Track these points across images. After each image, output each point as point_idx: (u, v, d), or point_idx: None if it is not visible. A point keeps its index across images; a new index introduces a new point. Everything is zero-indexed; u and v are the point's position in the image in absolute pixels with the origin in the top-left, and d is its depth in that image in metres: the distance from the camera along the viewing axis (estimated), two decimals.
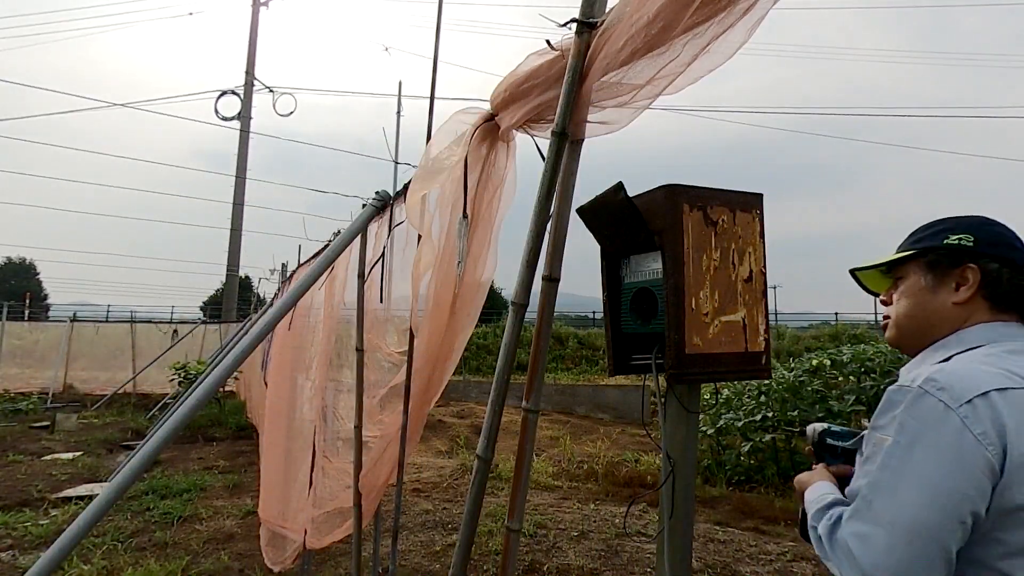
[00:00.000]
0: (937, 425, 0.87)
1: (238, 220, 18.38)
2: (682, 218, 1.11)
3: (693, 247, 1.12)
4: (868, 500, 0.89)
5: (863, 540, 0.87)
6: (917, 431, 0.89)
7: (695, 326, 1.10)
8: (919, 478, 0.86)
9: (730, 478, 6.57)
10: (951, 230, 1.12)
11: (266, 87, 18.90)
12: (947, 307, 1.08)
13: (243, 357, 1.97)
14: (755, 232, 1.22)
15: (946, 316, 1.08)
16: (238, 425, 9.71)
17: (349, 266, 2.88)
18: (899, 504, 0.86)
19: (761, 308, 1.21)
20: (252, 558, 4.22)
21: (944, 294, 1.09)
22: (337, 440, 3.13)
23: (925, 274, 1.12)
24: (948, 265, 1.09)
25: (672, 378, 1.09)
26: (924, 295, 1.11)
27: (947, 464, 0.86)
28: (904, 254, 1.14)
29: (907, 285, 1.13)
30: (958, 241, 1.10)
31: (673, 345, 1.08)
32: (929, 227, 1.16)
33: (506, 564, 1.27)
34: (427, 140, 1.89)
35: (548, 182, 1.28)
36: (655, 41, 1.08)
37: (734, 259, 1.17)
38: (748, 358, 1.19)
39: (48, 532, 4.69)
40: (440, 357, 1.84)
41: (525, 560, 4.23)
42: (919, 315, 1.11)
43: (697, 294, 1.11)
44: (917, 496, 0.86)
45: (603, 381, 13.39)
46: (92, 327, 15.22)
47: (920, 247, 1.13)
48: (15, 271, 39.12)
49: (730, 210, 1.18)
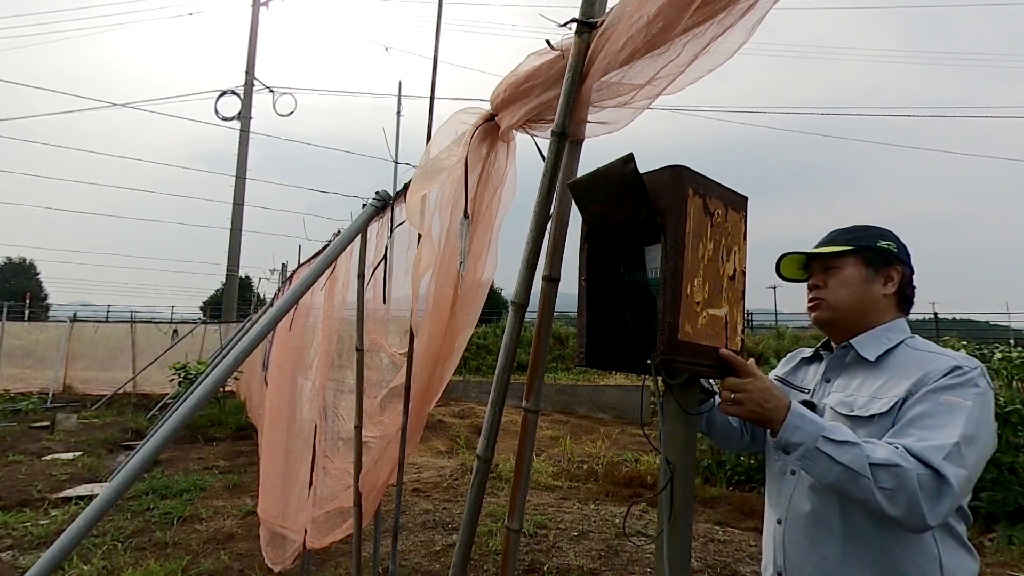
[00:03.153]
0: (991, 399, 1.17)
1: (238, 220, 18.38)
2: (686, 201, 1.08)
3: (693, 232, 1.09)
4: (960, 447, 1.07)
5: (960, 478, 1.05)
6: (986, 401, 1.15)
7: (688, 314, 1.07)
8: (988, 439, 1.13)
9: (730, 478, 6.57)
10: (880, 236, 1.36)
11: (266, 87, 18.90)
12: (879, 297, 1.33)
13: (243, 357, 1.97)
14: (741, 233, 1.21)
15: (878, 305, 1.33)
16: (238, 425, 9.70)
17: (350, 266, 2.88)
18: (976, 454, 1.09)
19: (740, 308, 1.20)
20: (252, 558, 4.22)
21: (877, 287, 1.33)
22: (337, 440, 3.13)
23: (864, 268, 1.34)
24: (881, 263, 1.34)
25: (663, 363, 1.06)
26: (863, 285, 1.33)
27: (993, 432, 1.16)
28: (846, 248, 1.34)
29: (846, 275, 1.34)
30: (888, 245, 1.35)
31: (667, 329, 1.05)
32: (860, 230, 1.38)
33: (506, 564, 1.27)
34: (427, 140, 1.89)
35: (548, 182, 1.28)
36: (655, 41, 1.08)
37: (723, 254, 1.16)
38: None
39: (48, 532, 4.69)
40: (440, 357, 1.84)
41: (525, 560, 4.23)
42: (858, 301, 1.33)
43: (692, 281, 1.08)
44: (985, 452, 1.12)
45: (603, 381, 13.38)
46: (92, 327, 15.21)
47: (859, 244, 1.34)
48: (15, 271, 39.09)
49: (724, 205, 1.17)
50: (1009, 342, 10.95)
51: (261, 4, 19.70)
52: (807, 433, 1.09)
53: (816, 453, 1.08)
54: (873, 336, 1.31)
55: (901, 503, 1.02)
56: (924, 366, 1.20)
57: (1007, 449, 5.18)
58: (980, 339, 14.28)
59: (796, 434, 1.10)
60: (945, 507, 1.03)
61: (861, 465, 1.04)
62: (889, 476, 1.03)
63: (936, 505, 1.03)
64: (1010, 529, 4.74)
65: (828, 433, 1.09)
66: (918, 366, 1.22)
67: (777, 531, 1.34)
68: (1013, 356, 7.12)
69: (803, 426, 1.10)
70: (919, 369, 1.20)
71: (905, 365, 1.24)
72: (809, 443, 1.08)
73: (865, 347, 1.30)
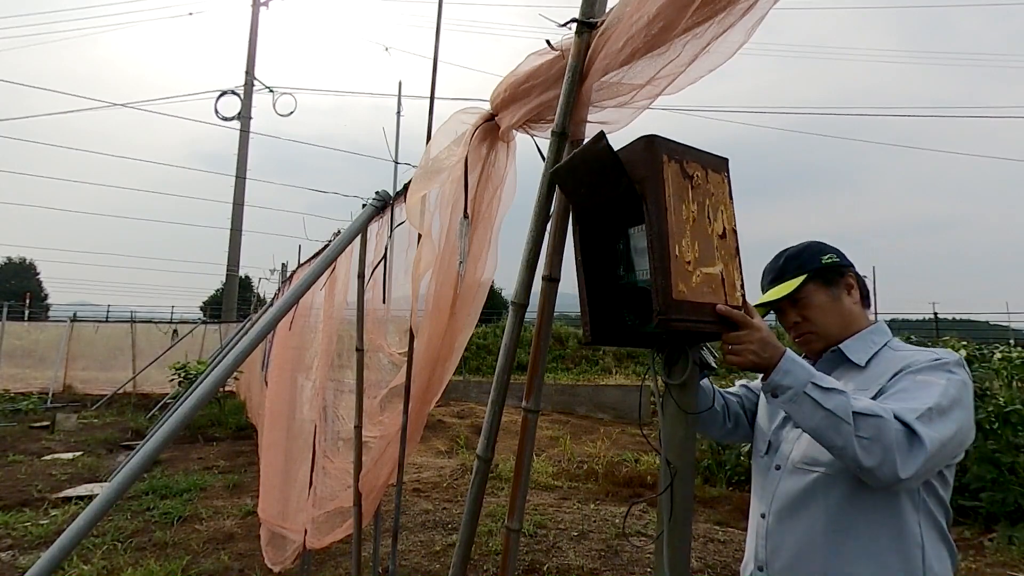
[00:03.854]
0: (968, 388, 1.23)
1: (238, 220, 18.38)
2: (662, 167, 1.10)
3: (673, 195, 1.10)
4: (932, 411, 1.12)
5: (932, 439, 1.09)
6: (961, 386, 1.20)
7: (680, 273, 1.08)
8: (962, 418, 1.17)
9: (730, 478, 6.58)
10: (819, 253, 1.42)
11: (266, 87, 18.90)
12: (853, 308, 1.40)
13: (243, 357, 1.97)
14: (725, 192, 1.21)
15: (855, 315, 1.40)
16: (238, 425, 9.71)
17: (350, 266, 2.88)
18: (948, 426, 1.14)
19: (736, 264, 1.20)
20: (252, 558, 4.22)
21: (845, 300, 1.40)
22: (338, 440, 3.13)
23: (827, 289, 1.40)
24: (836, 276, 1.41)
25: (661, 323, 1.06)
26: (835, 304, 1.40)
27: (971, 417, 1.20)
28: (801, 279, 1.39)
29: (816, 302, 1.40)
30: (831, 259, 1.41)
31: (660, 291, 1.06)
32: (798, 256, 1.44)
33: (506, 564, 1.27)
34: (427, 140, 1.89)
35: (548, 182, 1.28)
36: (655, 41, 1.08)
37: (709, 214, 1.17)
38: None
39: (48, 532, 4.70)
40: (440, 357, 1.84)
41: (525, 560, 4.23)
42: (838, 321, 1.39)
43: (680, 241, 1.09)
44: (959, 427, 1.16)
45: (603, 381, 13.39)
46: (92, 327, 15.21)
47: (810, 269, 1.40)
48: (15, 271, 39.11)
49: (703, 167, 1.18)
50: (1009, 342, 10.94)
51: (261, 4, 19.71)
52: (796, 377, 1.13)
53: (803, 397, 1.11)
54: (860, 340, 1.38)
55: (876, 453, 1.05)
56: (906, 359, 1.29)
57: (1007, 449, 5.18)
58: (980, 339, 14.26)
59: (786, 377, 1.13)
60: (917, 463, 1.06)
61: (845, 411, 1.07)
62: (868, 425, 1.06)
63: (908, 459, 1.06)
64: (1010, 529, 4.74)
65: (817, 379, 1.12)
66: (900, 361, 1.29)
67: (761, 525, 1.37)
68: (1013, 356, 7.12)
69: (793, 370, 1.13)
70: (901, 362, 1.28)
71: (888, 363, 1.32)
72: (798, 387, 1.12)
73: (854, 351, 1.36)
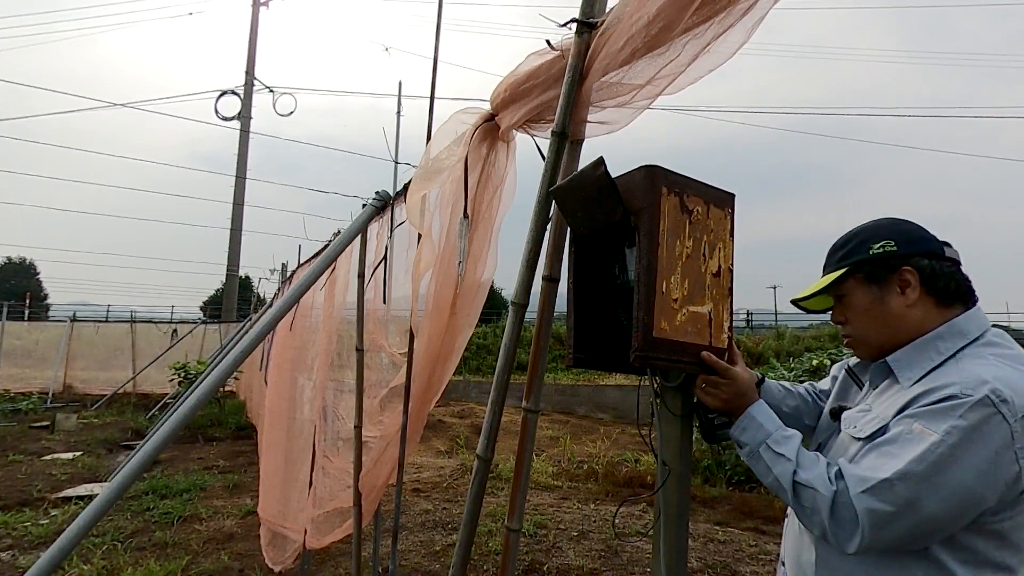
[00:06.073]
0: (988, 436, 0.92)
1: (238, 220, 18.37)
2: (660, 200, 1.09)
3: (668, 230, 1.10)
4: (891, 483, 0.93)
5: (874, 515, 0.93)
6: (968, 438, 0.92)
7: (664, 310, 1.08)
8: (954, 482, 0.91)
9: (730, 478, 6.57)
10: (871, 239, 1.14)
11: (266, 87, 18.89)
12: (903, 312, 1.10)
13: (243, 357, 1.97)
14: (726, 229, 1.21)
15: (906, 320, 1.10)
16: (238, 425, 9.70)
17: (350, 266, 2.88)
18: (919, 492, 0.92)
19: (727, 305, 1.20)
20: (252, 558, 4.21)
21: (894, 301, 1.11)
22: (337, 440, 3.13)
23: (868, 287, 1.14)
24: (883, 273, 1.12)
25: (637, 359, 1.07)
26: (877, 307, 1.13)
27: (983, 475, 0.92)
28: (838, 273, 1.16)
29: (855, 303, 1.16)
30: (882, 248, 1.12)
31: (641, 326, 1.06)
32: (847, 242, 1.18)
33: (506, 564, 1.27)
34: (427, 140, 1.89)
35: (548, 182, 1.28)
36: (655, 41, 1.08)
37: (705, 251, 1.16)
38: (711, 353, 1.18)
39: (48, 532, 4.69)
40: (440, 357, 1.84)
41: (525, 560, 4.23)
42: (881, 328, 1.13)
43: (668, 278, 1.09)
44: (947, 495, 0.92)
45: (603, 381, 13.38)
46: (92, 327, 15.20)
47: (850, 263, 1.15)
48: (15, 271, 39.08)
49: (705, 202, 1.17)
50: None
51: (261, 4, 19.70)
52: (752, 436, 1.13)
53: (757, 456, 1.11)
54: (918, 349, 1.08)
55: (816, 525, 1.02)
56: (934, 382, 1.01)
57: None
58: None
59: (744, 434, 1.15)
60: (855, 541, 0.95)
61: (787, 481, 1.05)
62: (807, 497, 1.03)
63: (845, 537, 0.97)
64: None
65: (771, 441, 1.11)
66: (927, 390, 1.01)
67: (789, 523, 1.32)
68: None
69: (750, 428, 1.14)
70: (925, 385, 1.02)
71: (928, 386, 1.02)
72: (753, 446, 1.12)
73: (904, 366, 1.09)
